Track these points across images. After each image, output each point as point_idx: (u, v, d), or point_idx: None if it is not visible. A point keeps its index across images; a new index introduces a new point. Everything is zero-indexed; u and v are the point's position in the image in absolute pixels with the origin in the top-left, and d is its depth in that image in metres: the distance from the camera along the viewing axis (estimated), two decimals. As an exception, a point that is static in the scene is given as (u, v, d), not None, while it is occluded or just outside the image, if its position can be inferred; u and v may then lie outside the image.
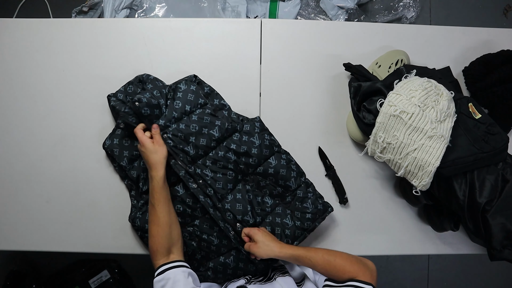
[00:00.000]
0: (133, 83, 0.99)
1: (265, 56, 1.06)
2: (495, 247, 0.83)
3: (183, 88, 0.94)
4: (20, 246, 1.00)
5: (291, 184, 0.94)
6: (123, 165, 0.95)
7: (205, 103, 0.96)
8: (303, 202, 0.94)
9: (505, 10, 2.03)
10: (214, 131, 0.92)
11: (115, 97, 0.98)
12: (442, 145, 0.81)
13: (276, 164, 0.94)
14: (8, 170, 1.01)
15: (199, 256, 0.93)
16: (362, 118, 0.92)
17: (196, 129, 0.91)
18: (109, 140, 0.97)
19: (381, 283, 1.94)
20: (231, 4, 1.80)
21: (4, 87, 1.04)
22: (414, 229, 1.02)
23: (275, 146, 0.97)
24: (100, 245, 0.99)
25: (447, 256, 1.94)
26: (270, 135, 0.97)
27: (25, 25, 1.06)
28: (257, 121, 0.97)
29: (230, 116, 0.97)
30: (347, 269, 0.76)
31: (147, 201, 0.93)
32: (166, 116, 0.91)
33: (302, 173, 0.98)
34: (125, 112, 0.92)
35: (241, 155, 0.92)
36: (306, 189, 0.96)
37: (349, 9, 1.84)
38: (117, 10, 1.77)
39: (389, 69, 0.99)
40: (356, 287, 0.72)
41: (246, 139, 0.93)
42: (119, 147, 0.95)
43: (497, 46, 1.06)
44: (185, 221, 0.93)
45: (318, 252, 0.80)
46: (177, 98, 0.93)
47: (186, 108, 0.93)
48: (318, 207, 0.94)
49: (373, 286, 0.73)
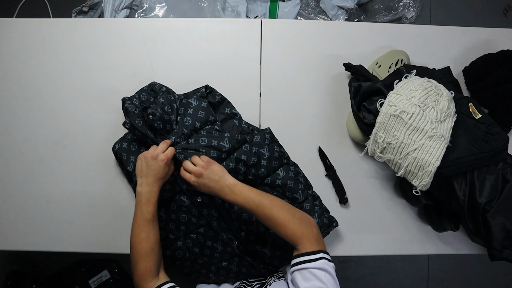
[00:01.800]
0: (146, 90, 0.98)
1: (265, 56, 1.06)
2: (495, 247, 0.83)
3: (193, 104, 0.94)
4: (20, 246, 1.00)
5: (298, 196, 0.94)
6: (129, 170, 0.95)
7: (214, 120, 0.96)
8: (310, 214, 0.93)
9: (505, 10, 2.03)
10: (224, 143, 0.91)
11: (130, 101, 0.96)
12: (442, 145, 0.81)
13: (284, 176, 0.93)
14: (8, 170, 1.01)
15: (201, 261, 0.94)
16: (362, 118, 0.92)
17: (205, 142, 0.90)
18: (118, 143, 0.96)
19: (381, 283, 1.94)
20: (231, 4, 1.80)
21: (4, 87, 1.04)
22: (414, 229, 1.02)
23: (284, 158, 0.97)
24: (100, 245, 0.99)
25: (447, 256, 1.94)
26: (280, 147, 0.97)
27: (25, 25, 1.06)
28: (267, 132, 0.97)
29: (240, 126, 0.97)
30: (289, 231, 0.74)
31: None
32: (176, 132, 0.91)
33: (310, 186, 0.98)
34: (134, 113, 0.91)
35: (250, 167, 0.92)
36: (313, 202, 0.96)
37: (349, 9, 1.84)
38: (117, 10, 1.77)
39: (389, 69, 0.99)
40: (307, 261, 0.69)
41: (256, 150, 0.92)
42: (127, 152, 0.95)
43: (497, 46, 1.06)
44: (190, 229, 0.93)
45: (263, 208, 0.77)
46: (188, 115, 0.93)
47: (196, 125, 0.93)
48: (324, 221, 0.94)
49: (323, 251, 0.71)
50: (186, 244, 0.92)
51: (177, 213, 0.92)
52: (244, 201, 0.78)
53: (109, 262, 1.69)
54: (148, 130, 0.91)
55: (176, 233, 0.93)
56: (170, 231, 0.92)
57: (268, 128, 0.98)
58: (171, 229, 0.92)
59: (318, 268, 0.68)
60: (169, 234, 0.92)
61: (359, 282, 1.93)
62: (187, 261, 0.93)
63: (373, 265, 1.94)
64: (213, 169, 0.81)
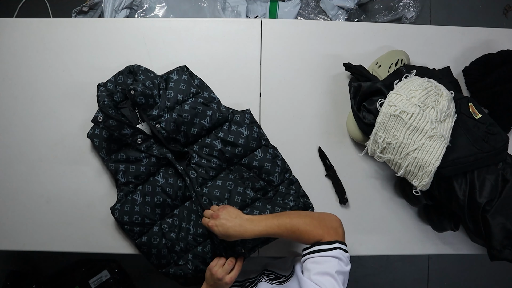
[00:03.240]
0: (123, 73, 0.99)
1: (265, 56, 1.06)
2: (495, 247, 0.83)
3: (175, 78, 0.95)
4: (20, 246, 1.00)
5: (274, 179, 0.95)
6: (102, 156, 0.96)
7: (197, 92, 0.97)
8: (285, 198, 0.94)
9: (505, 10, 2.03)
10: (205, 121, 0.94)
11: (104, 87, 0.97)
12: (442, 145, 0.81)
13: (261, 157, 0.95)
14: (8, 170, 1.01)
15: (178, 248, 0.93)
16: (362, 118, 0.92)
17: (188, 118, 0.93)
18: (91, 129, 0.97)
19: (381, 283, 1.94)
20: (231, 4, 1.80)
21: (4, 87, 1.04)
22: (414, 229, 1.02)
23: (263, 140, 0.97)
24: (100, 245, 0.99)
25: (447, 256, 1.94)
26: (259, 128, 0.98)
27: (25, 25, 1.06)
28: (248, 113, 0.98)
29: (219, 109, 0.97)
30: (312, 234, 0.76)
31: (126, 193, 0.94)
32: (159, 106, 0.92)
33: (288, 170, 0.98)
34: (105, 104, 0.93)
35: (227, 144, 0.93)
36: (289, 186, 0.96)
37: (349, 9, 1.84)
38: (117, 10, 1.77)
39: (389, 69, 0.99)
40: (322, 250, 0.73)
41: (235, 129, 0.95)
42: (99, 138, 0.96)
43: (497, 46, 1.06)
44: (165, 212, 0.94)
45: (285, 224, 0.78)
46: (169, 88, 0.94)
47: (179, 97, 0.94)
48: (299, 205, 0.95)
49: (339, 242, 0.74)
50: (163, 229, 0.92)
51: (152, 195, 0.92)
52: (265, 227, 0.79)
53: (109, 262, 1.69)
54: (115, 110, 0.92)
55: (152, 217, 0.93)
56: (146, 216, 0.92)
57: (249, 109, 0.99)
58: (146, 214, 0.92)
59: (332, 256, 0.71)
60: (145, 218, 0.92)
61: (359, 282, 1.93)
62: (164, 248, 0.93)
63: (373, 265, 1.94)
64: (229, 210, 0.83)
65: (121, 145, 0.95)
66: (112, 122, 0.89)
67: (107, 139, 0.95)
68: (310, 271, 0.71)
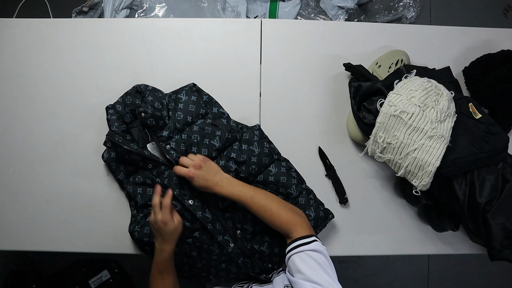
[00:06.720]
0: (131, 93, 0.98)
1: (265, 56, 1.06)
2: (495, 247, 0.83)
3: (184, 99, 0.94)
4: (20, 246, 1.00)
5: (292, 191, 0.94)
6: (120, 179, 0.95)
7: (206, 113, 0.96)
8: (305, 209, 0.93)
9: (505, 10, 2.03)
10: (215, 141, 0.92)
11: (113, 109, 0.96)
12: (442, 145, 0.81)
13: (276, 172, 0.93)
14: (8, 170, 1.01)
15: (199, 265, 0.93)
16: (362, 118, 0.92)
17: (197, 139, 0.91)
18: (106, 153, 0.97)
19: (381, 283, 1.94)
20: (231, 4, 1.80)
21: (4, 87, 1.04)
22: (414, 229, 1.02)
23: (275, 154, 0.97)
24: (100, 245, 0.99)
25: (447, 256, 1.94)
26: (270, 143, 0.97)
27: (25, 25, 1.06)
28: (256, 129, 0.97)
29: (229, 124, 0.96)
30: (284, 221, 0.79)
31: (146, 215, 0.93)
32: (169, 127, 0.91)
33: (303, 180, 0.98)
34: (113, 131, 0.91)
35: (241, 164, 0.92)
36: (308, 196, 0.96)
37: (349, 9, 1.84)
38: (117, 10, 1.77)
39: (389, 69, 0.99)
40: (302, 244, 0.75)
41: (246, 147, 0.93)
42: (116, 161, 0.95)
43: (497, 46, 1.06)
44: (184, 234, 0.92)
45: (258, 199, 0.82)
46: (179, 109, 0.93)
47: (188, 119, 0.93)
48: (320, 214, 0.94)
49: (314, 235, 0.77)
50: (183, 249, 0.91)
51: None
52: (239, 193, 0.82)
53: (109, 262, 1.69)
54: (123, 138, 0.90)
55: None
56: None
57: (257, 124, 0.99)
58: None
59: (313, 250, 0.73)
60: None
61: (359, 282, 1.93)
62: (186, 265, 0.93)
63: (373, 265, 1.94)
64: (210, 164, 0.86)
65: (138, 167, 0.94)
66: (120, 149, 0.89)
67: (123, 161, 0.94)
68: (301, 271, 0.72)
